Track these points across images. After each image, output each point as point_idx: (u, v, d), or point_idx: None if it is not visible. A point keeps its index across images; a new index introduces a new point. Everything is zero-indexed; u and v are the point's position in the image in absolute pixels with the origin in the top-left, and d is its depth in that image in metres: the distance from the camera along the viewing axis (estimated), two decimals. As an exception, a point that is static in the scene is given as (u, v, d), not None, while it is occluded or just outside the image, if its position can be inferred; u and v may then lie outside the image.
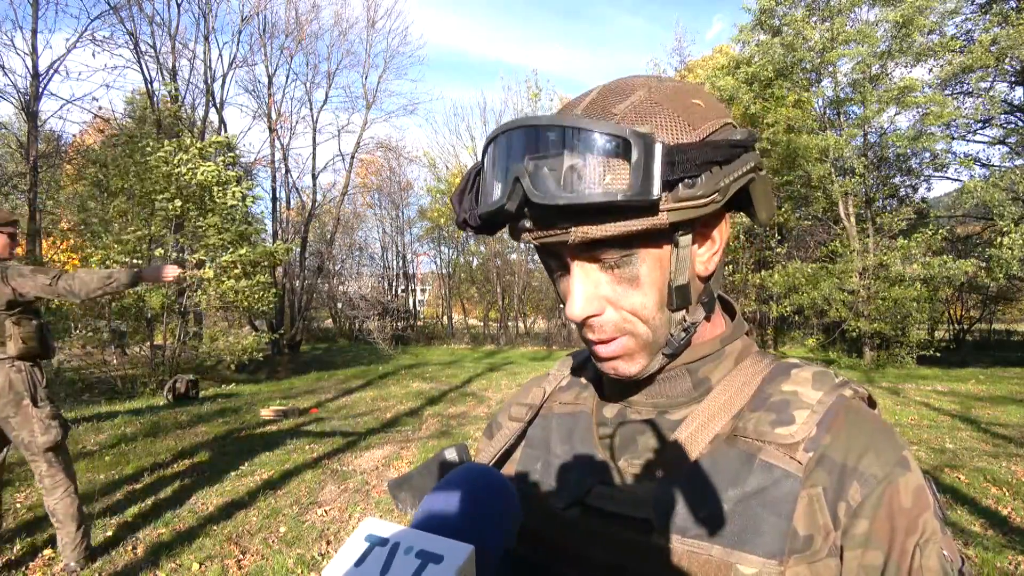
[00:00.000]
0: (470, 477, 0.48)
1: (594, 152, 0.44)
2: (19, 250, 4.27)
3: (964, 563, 0.49)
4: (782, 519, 0.47)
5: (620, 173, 0.44)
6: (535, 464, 0.62)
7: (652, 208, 0.45)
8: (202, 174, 10.29)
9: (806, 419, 0.50)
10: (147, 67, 15.18)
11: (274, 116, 19.80)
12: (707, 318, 0.55)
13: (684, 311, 0.52)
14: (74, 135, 17.02)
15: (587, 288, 0.50)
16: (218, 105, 17.37)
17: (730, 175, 0.47)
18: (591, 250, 0.49)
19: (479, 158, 0.52)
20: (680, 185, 0.45)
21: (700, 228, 0.51)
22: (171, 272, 3.13)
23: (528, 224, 0.49)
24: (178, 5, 15.76)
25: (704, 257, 0.53)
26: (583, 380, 0.66)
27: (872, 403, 0.55)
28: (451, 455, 0.67)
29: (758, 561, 0.46)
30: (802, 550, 0.46)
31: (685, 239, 0.50)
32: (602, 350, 0.53)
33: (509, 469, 0.65)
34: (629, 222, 0.46)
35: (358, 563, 0.39)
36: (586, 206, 0.44)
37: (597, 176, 0.44)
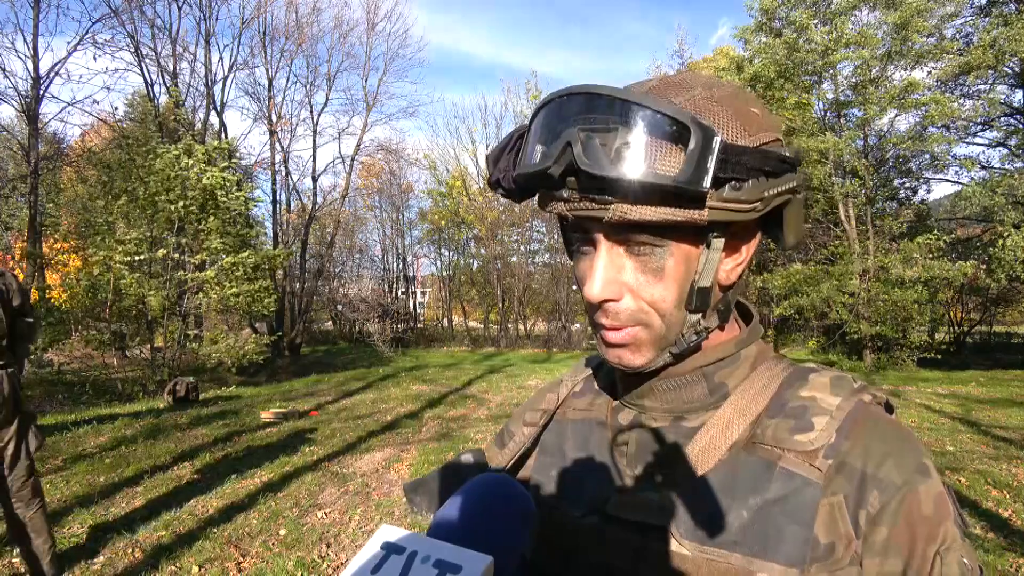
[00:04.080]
0: (487, 486, 0.48)
1: (650, 132, 0.43)
2: None
3: (983, 572, 0.48)
4: (803, 527, 0.46)
5: (673, 158, 0.43)
6: (549, 471, 0.61)
7: (698, 200, 0.44)
8: (208, 178, 10.32)
9: (825, 425, 0.49)
10: (148, 70, 15.25)
11: (274, 119, 19.81)
12: (720, 327, 0.55)
13: (701, 315, 0.52)
14: (76, 137, 17.04)
15: (610, 271, 0.49)
16: (218, 108, 17.41)
17: (774, 188, 0.46)
18: (623, 232, 0.48)
19: (527, 122, 0.50)
20: (727, 186, 0.45)
21: (730, 238, 0.51)
22: None
23: (565, 194, 0.47)
24: (179, 8, 15.83)
25: (728, 266, 0.53)
26: (596, 386, 0.66)
27: (890, 408, 0.54)
28: (467, 460, 0.67)
29: (779, 570, 0.45)
30: (824, 559, 0.46)
31: (718, 242, 0.49)
32: (611, 336, 0.52)
33: (523, 475, 0.64)
34: (670, 210, 0.45)
35: (375, 570, 0.39)
36: (633, 184, 0.43)
37: (649, 157, 0.43)
